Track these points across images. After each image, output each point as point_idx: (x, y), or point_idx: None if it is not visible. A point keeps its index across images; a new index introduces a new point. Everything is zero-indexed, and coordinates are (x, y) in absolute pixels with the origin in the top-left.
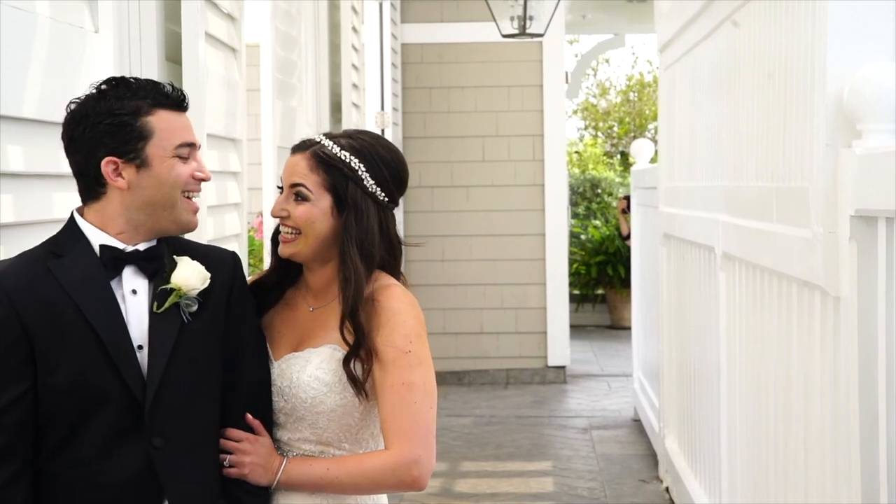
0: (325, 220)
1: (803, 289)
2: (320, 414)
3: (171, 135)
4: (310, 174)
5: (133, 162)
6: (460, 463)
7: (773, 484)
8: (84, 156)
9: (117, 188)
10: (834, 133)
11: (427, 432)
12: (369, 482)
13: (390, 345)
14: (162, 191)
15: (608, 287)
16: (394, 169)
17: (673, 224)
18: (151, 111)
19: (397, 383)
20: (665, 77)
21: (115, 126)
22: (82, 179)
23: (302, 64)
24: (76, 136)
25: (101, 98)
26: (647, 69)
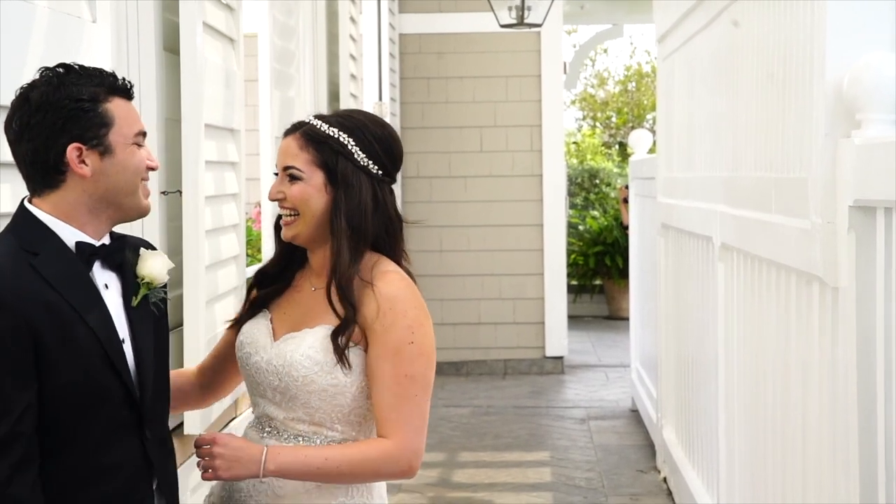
0: (320, 197)
1: (802, 279)
2: (312, 393)
3: (129, 122)
4: (300, 153)
5: (97, 149)
6: (458, 453)
7: (771, 474)
8: (43, 142)
9: (79, 176)
10: (833, 123)
11: (424, 424)
12: (369, 472)
13: (392, 335)
14: (125, 177)
15: (606, 277)
16: (385, 143)
17: (671, 214)
18: (108, 98)
19: (399, 374)
20: (663, 67)
21: (79, 112)
22: (37, 168)
23: (300, 54)
24: (34, 122)
25: (60, 84)
26: (645, 59)
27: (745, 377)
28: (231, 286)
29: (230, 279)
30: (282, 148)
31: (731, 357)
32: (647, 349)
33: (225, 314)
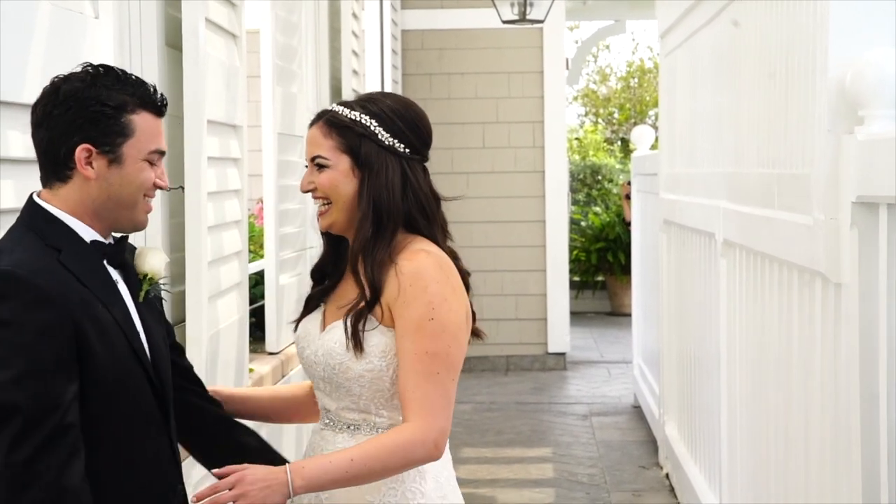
0: (349, 182)
1: (804, 275)
2: (351, 380)
3: (149, 138)
4: (324, 141)
5: (107, 155)
6: (460, 449)
7: (773, 470)
8: (58, 135)
9: (83, 176)
10: (835, 119)
11: (448, 403)
12: (399, 461)
13: (412, 311)
14: (127, 190)
15: (608, 274)
16: (408, 119)
17: (673, 210)
18: (136, 110)
19: (420, 351)
20: (666, 63)
21: (100, 115)
22: (48, 158)
23: (302, 50)
24: (56, 113)
25: (92, 83)
26: (647, 55)
27: (748, 373)
28: (233, 282)
29: (232, 275)
30: (307, 139)
31: (734, 353)
32: (649, 345)
33: (227, 310)
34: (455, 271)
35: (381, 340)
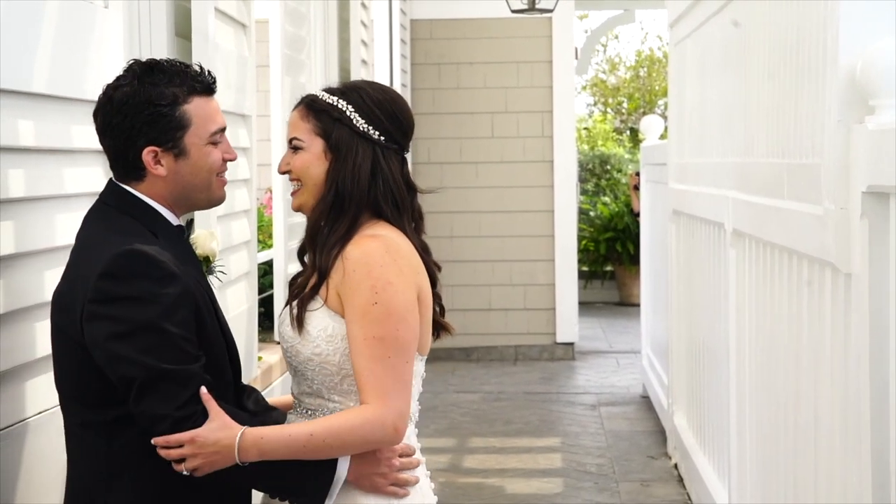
0: (320, 165)
1: (814, 265)
2: (303, 364)
3: (207, 122)
4: (301, 123)
5: (172, 151)
6: (469, 439)
7: (783, 460)
8: (123, 142)
9: (155, 174)
10: (846, 109)
11: (404, 386)
12: (358, 440)
13: (357, 297)
14: (199, 176)
15: (617, 264)
16: (387, 108)
17: (683, 200)
18: (188, 99)
19: (369, 337)
20: (675, 53)
21: (156, 116)
22: (119, 163)
23: (311, 40)
24: (115, 122)
25: (141, 86)
26: (657, 45)
27: (757, 363)
28: (242, 271)
29: (241, 264)
30: (289, 121)
31: (743, 343)
32: (658, 335)
33: (236, 300)
34: (407, 255)
35: (327, 324)
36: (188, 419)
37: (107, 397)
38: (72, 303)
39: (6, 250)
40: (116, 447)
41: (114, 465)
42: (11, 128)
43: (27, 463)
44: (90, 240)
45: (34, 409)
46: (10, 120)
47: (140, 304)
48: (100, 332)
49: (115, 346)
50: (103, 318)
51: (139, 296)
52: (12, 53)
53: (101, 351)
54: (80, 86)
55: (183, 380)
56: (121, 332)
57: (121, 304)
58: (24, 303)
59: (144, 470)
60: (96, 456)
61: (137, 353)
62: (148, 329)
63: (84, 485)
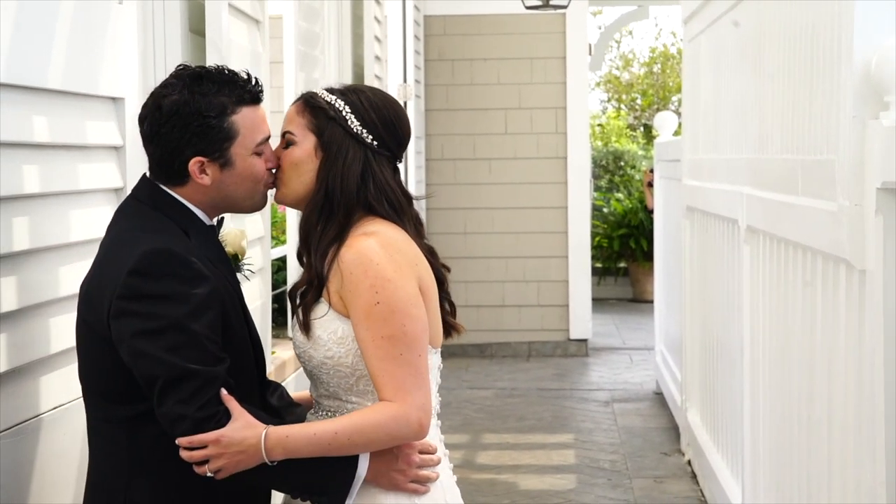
0: (309, 161)
1: (828, 262)
2: (317, 368)
3: (253, 132)
4: (297, 118)
5: (218, 161)
6: (482, 435)
7: (797, 457)
8: (170, 151)
9: (199, 184)
10: (861, 105)
11: (422, 379)
12: (383, 437)
13: (359, 299)
14: (244, 186)
15: (630, 260)
16: (383, 113)
17: (696, 197)
18: (236, 109)
19: (377, 338)
20: (689, 49)
21: (205, 128)
22: (163, 169)
23: (324, 36)
24: (163, 132)
25: (191, 95)
26: (670, 41)
27: (771, 360)
28: (256, 267)
29: (255, 260)
30: (286, 115)
31: (757, 340)
32: (671, 332)
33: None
34: (405, 248)
35: (336, 327)
36: (210, 419)
37: (130, 393)
38: (100, 298)
39: (21, 246)
40: (138, 443)
41: (135, 461)
42: (26, 124)
43: (42, 459)
44: (121, 236)
45: (49, 405)
46: (26, 116)
47: (168, 302)
48: (126, 328)
49: (140, 344)
50: (131, 315)
51: (168, 294)
52: (28, 50)
53: (126, 347)
54: (95, 82)
55: (206, 381)
56: (147, 330)
57: (149, 302)
58: (38, 298)
59: (165, 467)
60: (118, 451)
61: (163, 351)
62: (174, 328)
63: (104, 480)
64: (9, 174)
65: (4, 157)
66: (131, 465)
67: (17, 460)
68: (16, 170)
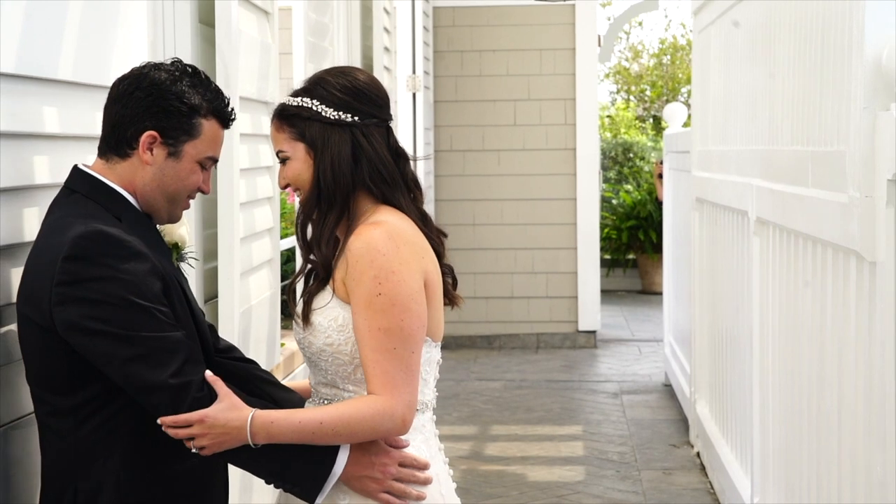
0: (308, 167)
1: (839, 253)
2: (316, 355)
3: (209, 145)
4: (279, 135)
5: (168, 147)
6: (490, 426)
7: (806, 449)
8: (131, 115)
9: (141, 159)
10: (871, 96)
11: (412, 376)
12: (367, 430)
13: (361, 289)
14: (175, 185)
15: (639, 252)
16: (349, 88)
17: (706, 188)
18: (207, 116)
19: (374, 328)
20: (699, 40)
21: (175, 110)
22: (115, 133)
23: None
24: (137, 95)
25: (178, 79)
26: (680, 32)
27: (780, 351)
28: (265, 258)
29: (264, 252)
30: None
31: (766, 331)
32: (680, 324)
33: (259, 287)
34: (413, 241)
35: (338, 314)
36: (188, 387)
37: (74, 380)
38: (37, 289)
39: (32, 236)
40: (85, 432)
41: (83, 451)
42: (37, 114)
43: None
44: (54, 225)
45: None
46: (36, 107)
47: (109, 282)
48: (73, 313)
49: (91, 325)
50: (75, 301)
51: (107, 274)
52: (38, 41)
53: (77, 331)
54: (105, 73)
55: (169, 346)
56: (95, 311)
57: (90, 285)
58: None
59: (114, 455)
60: (65, 443)
61: (116, 328)
62: (121, 304)
63: (56, 473)
64: (19, 165)
65: (15, 148)
66: (80, 455)
67: (27, 451)
68: (26, 160)
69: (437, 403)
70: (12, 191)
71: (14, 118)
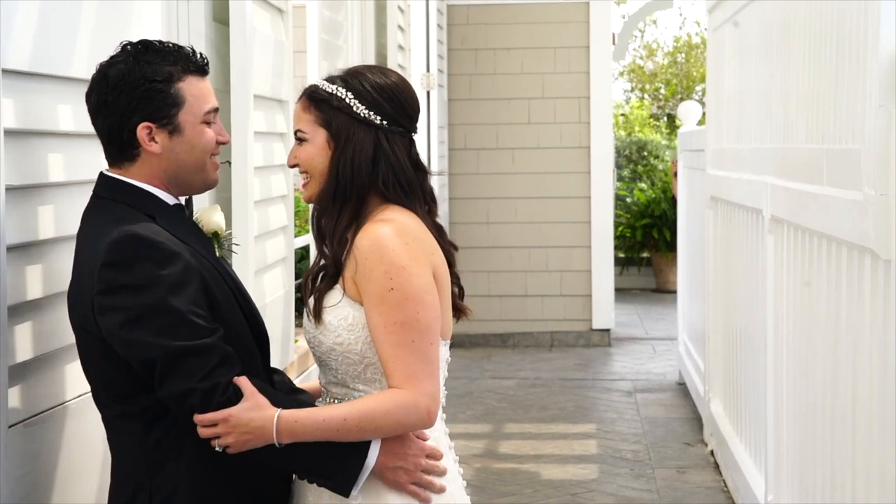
0: (324, 155)
1: (853, 252)
2: (326, 354)
3: (201, 101)
4: (304, 115)
5: (166, 128)
6: (504, 425)
7: (820, 448)
8: (117, 120)
9: (150, 152)
10: (887, 94)
11: (433, 368)
12: (392, 424)
13: (373, 285)
14: (193, 155)
15: (654, 250)
16: (386, 91)
17: (720, 187)
18: (182, 77)
19: (390, 323)
20: (714, 38)
21: (151, 92)
22: (113, 142)
23: (348, 25)
24: (110, 100)
25: (136, 63)
26: (694, 30)
27: (794, 350)
28: (279, 256)
29: (279, 249)
30: (293, 114)
31: (780, 330)
32: (694, 322)
33: (273, 284)
34: (422, 237)
35: (347, 313)
36: (215, 389)
37: (136, 387)
38: (82, 299)
39: (46, 234)
40: (156, 435)
41: (155, 453)
42: (51, 112)
43: (68, 446)
44: (89, 234)
45: (74, 392)
46: (51, 104)
47: (145, 288)
48: (112, 322)
49: (129, 334)
50: (113, 309)
51: (143, 280)
52: (52, 39)
53: (118, 340)
54: None
55: (201, 353)
56: (132, 319)
57: (127, 292)
58: (63, 286)
59: (185, 456)
60: (136, 445)
61: (151, 335)
62: (157, 311)
63: (128, 473)
64: (34, 163)
65: (30, 146)
66: (151, 457)
67: (44, 447)
68: (41, 158)
69: (451, 401)
70: (27, 189)
71: (28, 116)
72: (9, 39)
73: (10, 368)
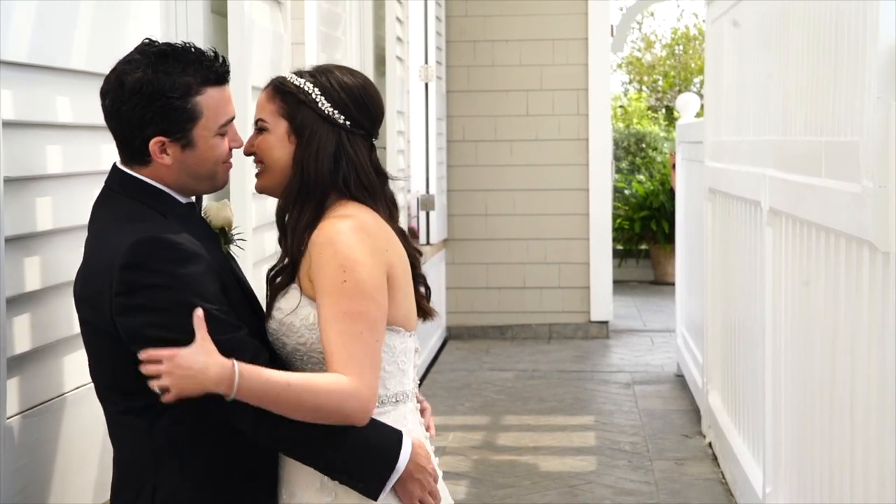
0: (282, 147)
1: (852, 244)
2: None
3: (217, 114)
4: (267, 104)
5: (179, 142)
6: (503, 417)
7: (818, 440)
8: (130, 130)
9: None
10: (885, 86)
11: (376, 364)
12: (333, 406)
13: (326, 278)
14: (205, 166)
15: (652, 242)
16: (353, 93)
17: (719, 179)
18: (200, 90)
19: (340, 313)
20: (712, 30)
21: (167, 109)
22: (125, 146)
23: (346, 17)
24: (124, 109)
25: (154, 74)
26: (693, 22)
27: (793, 341)
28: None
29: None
30: (257, 101)
31: (778, 322)
32: (692, 314)
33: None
34: (375, 233)
35: (308, 313)
36: None
37: (142, 383)
38: (97, 297)
39: (44, 226)
40: (159, 430)
41: (158, 448)
42: (50, 104)
43: (66, 437)
44: (102, 230)
45: (72, 383)
46: (49, 96)
47: (168, 289)
48: (136, 322)
49: (153, 332)
50: (136, 310)
51: (165, 281)
52: (51, 30)
53: (141, 341)
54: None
55: (233, 348)
56: (157, 319)
57: (149, 293)
58: (61, 278)
59: (189, 452)
60: (140, 440)
61: (178, 334)
62: (181, 310)
63: (132, 467)
64: (32, 154)
65: (28, 138)
66: (155, 451)
67: (42, 438)
68: (39, 150)
69: (450, 393)
70: (25, 180)
71: (27, 107)
72: (7, 31)
73: (8, 360)
